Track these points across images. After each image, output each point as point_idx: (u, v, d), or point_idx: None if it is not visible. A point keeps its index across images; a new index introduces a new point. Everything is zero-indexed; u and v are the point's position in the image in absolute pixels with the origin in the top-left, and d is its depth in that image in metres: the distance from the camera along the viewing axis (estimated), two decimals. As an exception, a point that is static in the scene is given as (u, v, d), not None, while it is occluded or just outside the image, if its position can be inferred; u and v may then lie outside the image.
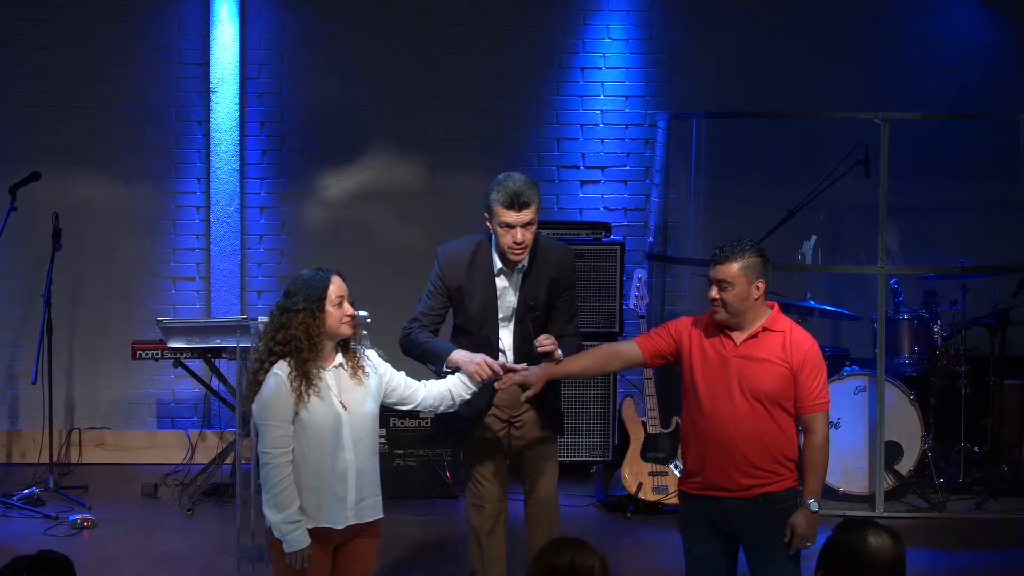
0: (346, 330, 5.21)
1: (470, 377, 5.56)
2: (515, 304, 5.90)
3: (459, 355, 5.67)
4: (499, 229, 5.76)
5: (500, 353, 5.89)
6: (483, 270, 5.88)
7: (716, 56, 9.78)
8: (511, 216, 5.73)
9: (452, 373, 5.64)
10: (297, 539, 5.12)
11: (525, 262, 5.86)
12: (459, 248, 5.94)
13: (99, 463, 9.51)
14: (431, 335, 5.88)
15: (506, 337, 5.93)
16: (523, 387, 5.72)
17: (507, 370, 5.60)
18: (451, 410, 5.61)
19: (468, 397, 5.60)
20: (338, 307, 5.18)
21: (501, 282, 5.89)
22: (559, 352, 5.77)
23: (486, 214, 5.82)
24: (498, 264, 5.88)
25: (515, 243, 5.76)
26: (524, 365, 5.66)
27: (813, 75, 9.77)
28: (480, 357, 5.59)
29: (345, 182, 9.74)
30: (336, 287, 5.20)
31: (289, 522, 5.11)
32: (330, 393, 5.17)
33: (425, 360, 5.89)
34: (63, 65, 9.50)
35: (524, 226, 5.74)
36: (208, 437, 9.56)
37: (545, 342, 5.73)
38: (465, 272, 5.88)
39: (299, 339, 5.12)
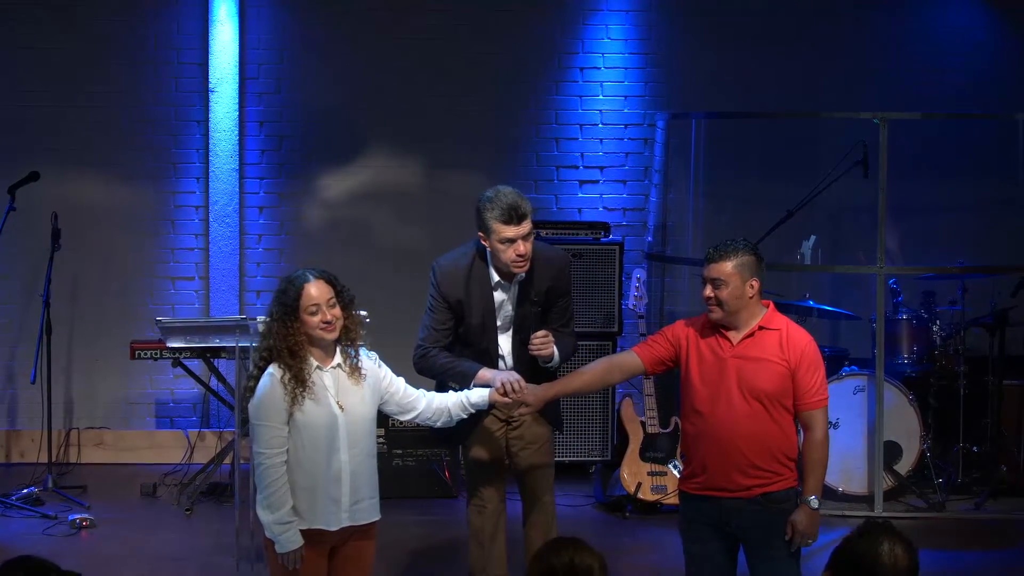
0: (325, 335, 5.14)
1: (490, 393, 5.57)
2: (512, 314, 5.91)
3: (488, 373, 5.74)
4: (499, 245, 5.74)
5: (500, 359, 5.92)
6: (480, 284, 5.88)
7: (715, 56, 9.77)
8: (511, 231, 5.71)
9: (462, 389, 5.66)
10: (289, 540, 5.10)
11: (522, 273, 5.86)
12: (455, 262, 5.92)
13: (98, 463, 9.51)
14: (451, 355, 5.88)
15: (504, 344, 5.94)
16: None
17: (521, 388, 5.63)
18: (448, 426, 5.59)
19: (464, 416, 5.59)
20: (313, 315, 5.11)
21: (499, 295, 5.89)
22: (555, 349, 5.84)
23: (481, 233, 5.79)
24: (495, 278, 5.87)
25: (518, 256, 5.74)
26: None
27: (813, 75, 9.77)
28: (506, 376, 5.64)
29: (344, 182, 9.73)
30: (313, 293, 5.10)
31: (281, 523, 5.09)
32: (327, 394, 5.14)
33: (447, 379, 5.87)
34: (63, 65, 9.49)
35: (524, 238, 5.74)
36: (207, 437, 9.55)
37: (536, 341, 5.79)
38: (463, 286, 5.87)
39: (279, 348, 5.10)
